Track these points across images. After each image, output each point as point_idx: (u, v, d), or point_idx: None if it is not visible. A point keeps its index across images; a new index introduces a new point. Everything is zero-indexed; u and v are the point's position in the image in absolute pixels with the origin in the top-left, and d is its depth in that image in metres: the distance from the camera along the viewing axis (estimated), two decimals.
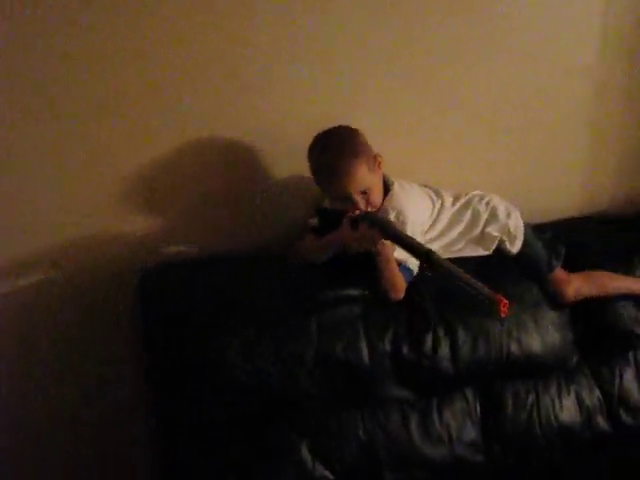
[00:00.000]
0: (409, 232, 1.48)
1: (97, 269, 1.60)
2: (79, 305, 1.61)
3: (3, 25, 1.38)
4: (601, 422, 1.68)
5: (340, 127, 1.53)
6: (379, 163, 1.53)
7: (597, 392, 1.69)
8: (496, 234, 1.62)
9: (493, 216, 1.64)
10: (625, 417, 1.69)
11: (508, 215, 1.65)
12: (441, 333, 1.52)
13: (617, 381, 1.70)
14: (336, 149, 1.48)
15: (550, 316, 1.64)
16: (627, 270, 1.76)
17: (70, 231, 1.57)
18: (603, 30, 1.87)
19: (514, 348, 1.57)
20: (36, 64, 1.42)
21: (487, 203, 1.65)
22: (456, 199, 1.65)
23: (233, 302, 1.46)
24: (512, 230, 1.64)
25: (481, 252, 1.63)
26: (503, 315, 1.16)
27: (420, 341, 1.51)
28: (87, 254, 1.59)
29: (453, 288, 1.26)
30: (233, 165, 1.65)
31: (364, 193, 1.48)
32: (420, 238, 1.52)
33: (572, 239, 1.77)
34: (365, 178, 1.48)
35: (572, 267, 1.70)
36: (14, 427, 1.66)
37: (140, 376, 1.58)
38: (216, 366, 1.40)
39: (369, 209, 1.48)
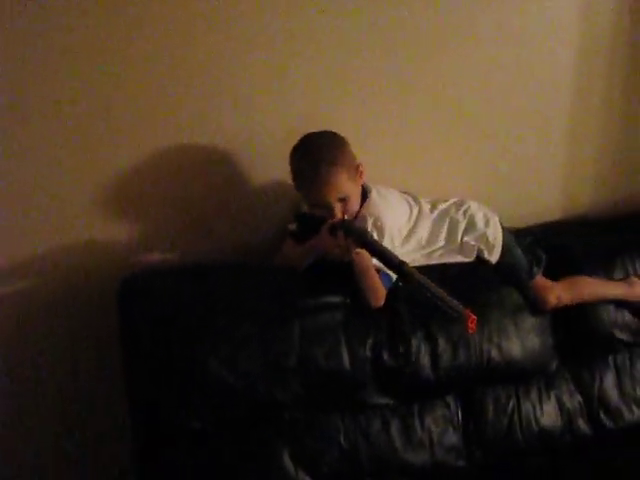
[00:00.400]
0: (387, 237, 1.50)
1: (78, 277, 1.60)
2: (61, 312, 1.61)
3: None
4: (582, 426, 1.69)
5: (326, 132, 1.53)
6: (361, 173, 1.53)
7: (578, 396, 1.70)
8: (474, 243, 1.63)
9: (471, 225, 1.64)
10: (606, 420, 1.71)
11: (486, 223, 1.65)
12: (421, 340, 1.53)
13: (597, 385, 1.72)
14: (317, 155, 1.49)
15: (530, 321, 1.64)
16: (608, 272, 1.77)
17: (51, 238, 1.56)
18: (581, 39, 1.89)
19: (494, 354, 1.58)
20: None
21: (465, 211, 1.65)
22: (434, 206, 1.65)
23: (216, 307, 1.46)
24: (490, 239, 1.64)
25: (462, 259, 1.63)
26: (471, 331, 1.19)
27: (401, 348, 1.51)
28: (68, 262, 1.59)
29: (444, 284, 1.28)
30: (214, 171, 1.65)
31: (342, 200, 1.49)
32: (399, 243, 1.54)
33: (553, 243, 1.78)
34: (344, 186, 1.48)
35: (554, 270, 1.71)
36: None
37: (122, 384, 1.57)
38: (200, 371, 1.40)
39: (346, 217, 1.49)
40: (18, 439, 1.69)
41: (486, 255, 1.64)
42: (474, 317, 1.18)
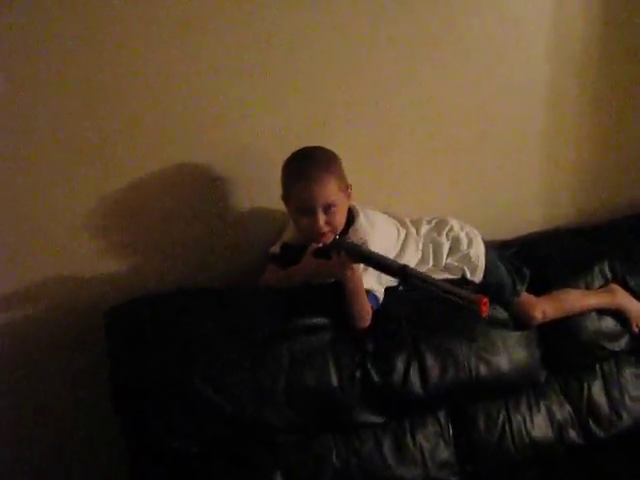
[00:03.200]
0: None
1: (67, 307, 1.60)
2: (50, 342, 1.61)
3: None
4: (573, 436, 1.70)
5: (320, 146, 1.55)
6: (349, 194, 1.55)
7: (567, 406, 1.72)
8: (456, 264, 1.64)
9: (455, 246, 1.66)
10: (595, 429, 1.73)
11: (469, 243, 1.67)
12: (410, 357, 1.53)
13: (586, 394, 1.74)
14: (315, 158, 1.52)
15: (517, 334, 1.65)
16: (588, 278, 1.79)
17: (38, 268, 1.57)
18: (554, 48, 1.92)
19: (483, 369, 1.58)
20: None
21: (447, 233, 1.67)
22: (417, 228, 1.66)
23: (203, 330, 1.47)
24: (473, 259, 1.65)
25: (448, 276, 1.64)
26: (484, 315, 1.19)
27: (389, 366, 1.51)
28: (56, 292, 1.59)
29: (430, 301, 1.36)
30: (197, 199, 1.66)
31: (328, 209, 1.49)
32: None
33: (534, 255, 1.81)
34: (333, 193, 1.49)
35: (535, 283, 1.72)
36: None
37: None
38: (189, 395, 1.40)
39: (337, 236, 1.49)
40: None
41: (469, 275, 1.64)
42: (486, 299, 1.19)
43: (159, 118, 1.57)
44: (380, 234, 1.56)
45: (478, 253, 1.66)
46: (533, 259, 1.78)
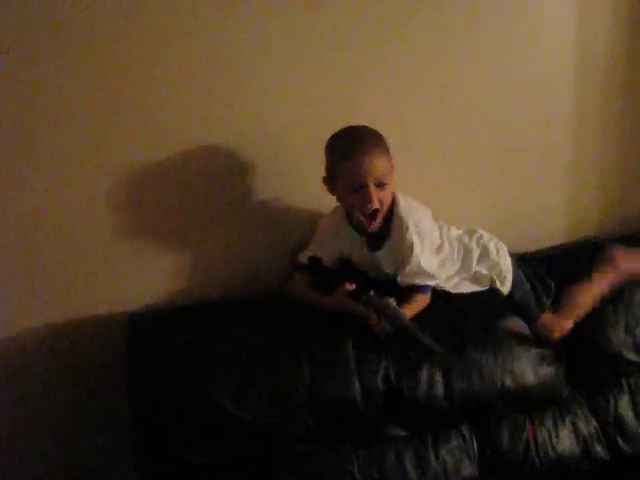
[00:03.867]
0: (427, 243, 1.52)
1: (88, 313, 1.60)
2: (70, 353, 1.61)
3: None
4: (599, 451, 1.65)
5: (368, 126, 1.52)
6: (392, 172, 1.52)
7: (593, 421, 1.67)
8: (486, 272, 1.62)
9: (484, 254, 1.64)
10: (622, 444, 1.67)
11: (497, 253, 1.65)
12: (435, 369, 1.51)
13: (612, 409, 1.69)
14: (366, 134, 1.49)
15: (542, 348, 1.62)
16: None
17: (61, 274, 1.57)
18: (578, 63, 1.91)
19: (508, 382, 1.55)
20: None
21: (478, 240, 1.65)
22: (449, 229, 1.65)
23: (225, 343, 1.47)
24: (503, 269, 1.64)
25: (476, 288, 1.63)
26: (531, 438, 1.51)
27: (413, 378, 1.49)
28: (77, 298, 1.60)
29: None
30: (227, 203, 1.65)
31: (380, 185, 1.46)
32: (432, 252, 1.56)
33: (558, 267, 1.77)
34: (385, 169, 1.47)
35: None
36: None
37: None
38: (209, 406, 1.40)
39: (372, 292, 1.46)
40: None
41: (498, 285, 1.62)
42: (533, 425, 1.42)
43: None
44: (426, 216, 1.55)
45: (508, 264, 1.64)
46: (556, 272, 1.75)
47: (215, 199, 1.64)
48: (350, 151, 1.45)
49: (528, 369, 1.58)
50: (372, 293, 1.46)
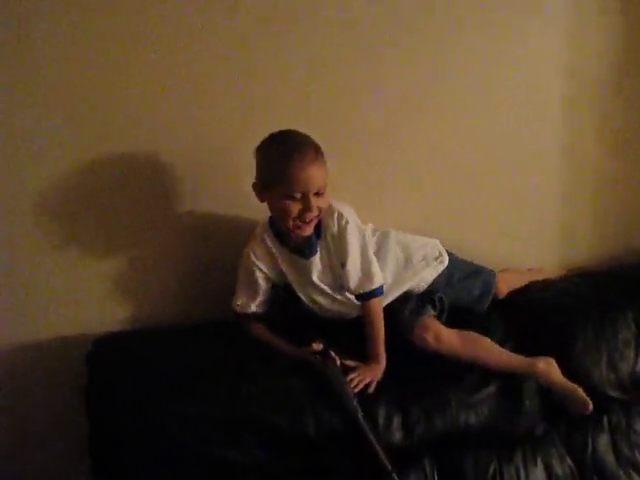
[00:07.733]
0: (353, 225, 1.53)
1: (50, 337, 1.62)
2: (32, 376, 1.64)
3: None
4: None
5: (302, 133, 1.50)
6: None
7: (568, 460, 1.59)
8: (420, 257, 1.65)
9: (403, 242, 1.67)
10: None
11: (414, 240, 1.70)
12: (393, 409, 1.48)
13: (590, 448, 1.61)
14: (307, 142, 1.47)
15: (514, 381, 1.57)
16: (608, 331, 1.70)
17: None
18: (568, 94, 1.92)
19: (472, 420, 1.51)
20: None
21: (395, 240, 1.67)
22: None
23: (179, 371, 1.47)
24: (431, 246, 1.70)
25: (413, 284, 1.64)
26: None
27: (370, 417, 1.45)
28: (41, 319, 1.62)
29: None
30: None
31: (318, 194, 1.46)
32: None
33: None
34: (324, 178, 1.46)
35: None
36: None
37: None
38: (162, 435, 1.39)
39: (315, 216, 1.47)
40: None
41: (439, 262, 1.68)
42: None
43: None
44: (355, 219, 1.55)
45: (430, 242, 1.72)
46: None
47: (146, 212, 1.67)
48: (292, 159, 1.43)
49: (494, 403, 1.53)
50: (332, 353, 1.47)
